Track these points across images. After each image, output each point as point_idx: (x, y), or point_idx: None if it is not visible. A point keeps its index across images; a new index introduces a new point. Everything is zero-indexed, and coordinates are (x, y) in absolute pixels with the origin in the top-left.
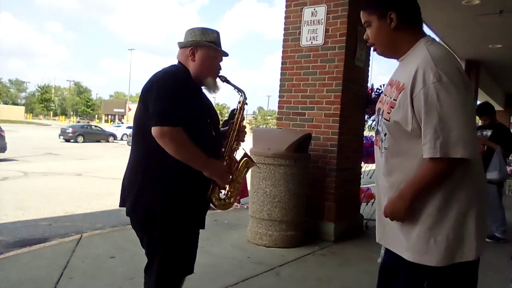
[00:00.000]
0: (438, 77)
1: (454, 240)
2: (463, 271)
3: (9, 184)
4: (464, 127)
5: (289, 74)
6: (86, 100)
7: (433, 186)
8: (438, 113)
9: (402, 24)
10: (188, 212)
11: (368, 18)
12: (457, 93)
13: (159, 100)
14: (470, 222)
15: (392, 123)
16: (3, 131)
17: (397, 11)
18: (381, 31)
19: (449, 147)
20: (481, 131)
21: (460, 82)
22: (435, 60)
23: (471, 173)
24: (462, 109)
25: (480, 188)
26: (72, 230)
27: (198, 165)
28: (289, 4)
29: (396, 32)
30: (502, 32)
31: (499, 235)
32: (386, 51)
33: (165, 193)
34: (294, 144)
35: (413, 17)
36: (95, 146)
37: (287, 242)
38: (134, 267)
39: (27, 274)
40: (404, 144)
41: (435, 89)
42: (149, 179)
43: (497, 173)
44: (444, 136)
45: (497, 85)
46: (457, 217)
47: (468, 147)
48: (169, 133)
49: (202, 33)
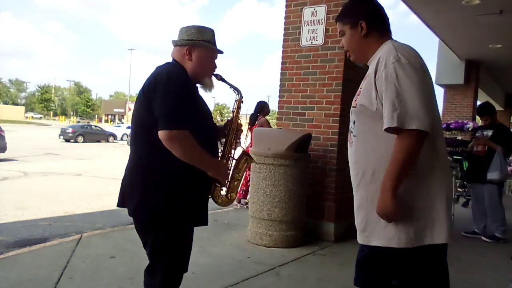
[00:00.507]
0: (397, 58)
1: (424, 223)
2: (432, 254)
3: (9, 184)
4: (420, 103)
5: (289, 74)
6: (86, 100)
7: (405, 166)
8: (396, 89)
9: (371, 31)
10: (192, 211)
11: (342, 28)
12: (415, 73)
13: (166, 102)
14: (439, 207)
15: (359, 108)
16: (3, 131)
17: (366, 20)
18: (353, 38)
19: (405, 118)
20: (482, 131)
21: (418, 66)
22: (397, 47)
23: (438, 162)
24: (419, 87)
25: (446, 177)
26: (72, 230)
27: (205, 166)
28: (289, 4)
29: (366, 39)
30: (502, 32)
31: (499, 235)
32: (358, 57)
33: (169, 193)
34: (294, 144)
35: (381, 24)
36: (95, 146)
37: (287, 242)
38: (134, 267)
39: (27, 274)
40: (372, 126)
41: (394, 68)
42: (152, 179)
43: (498, 173)
44: (401, 109)
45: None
46: (427, 201)
47: (423, 120)
48: (178, 137)
49: (198, 32)
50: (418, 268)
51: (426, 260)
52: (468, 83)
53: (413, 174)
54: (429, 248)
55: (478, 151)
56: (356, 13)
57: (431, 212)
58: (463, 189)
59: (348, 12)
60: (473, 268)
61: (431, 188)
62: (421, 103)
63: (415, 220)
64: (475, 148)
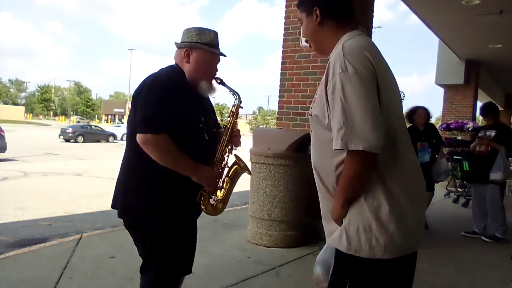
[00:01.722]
0: (344, 68)
1: (366, 233)
2: (374, 268)
3: (9, 184)
4: (367, 119)
5: (289, 74)
6: (86, 100)
7: (354, 183)
8: (342, 105)
9: (326, 20)
10: (180, 213)
11: (300, 16)
12: (361, 83)
13: (144, 106)
14: (383, 217)
15: (314, 118)
16: (3, 131)
17: (320, 7)
18: (308, 27)
19: (350, 138)
20: (485, 132)
21: (366, 73)
22: (345, 51)
23: (385, 168)
24: (365, 99)
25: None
26: (72, 230)
27: (185, 171)
28: (289, 4)
29: (321, 28)
30: (502, 32)
31: (499, 235)
32: (318, 48)
33: (156, 195)
34: (294, 144)
35: (339, 12)
36: (95, 146)
37: (287, 242)
38: (134, 267)
39: (27, 274)
40: (324, 138)
41: (340, 80)
42: (140, 181)
43: (501, 173)
44: (346, 127)
45: (497, 85)
46: (368, 212)
47: (370, 140)
48: (152, 141)
49: (198, 34)
50: (372, 277)
51: (379, 271)
52: (468, 83)
53: (372, 189)
54: (379, 261)
55: (481, 151)
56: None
57: (374, 222)
58: (463, 189)
59: None
60: (473, 268)
61: (376, 198)
62: (367, 119)
63: (362, 229)
64: (477, 148)
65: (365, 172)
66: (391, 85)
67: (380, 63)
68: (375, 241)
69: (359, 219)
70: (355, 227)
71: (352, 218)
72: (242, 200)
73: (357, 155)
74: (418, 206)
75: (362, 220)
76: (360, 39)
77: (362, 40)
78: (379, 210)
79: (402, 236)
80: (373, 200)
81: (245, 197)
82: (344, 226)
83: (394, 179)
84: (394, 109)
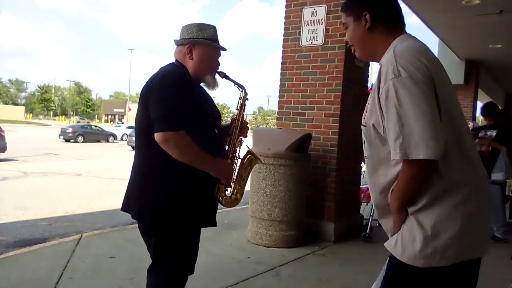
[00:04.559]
0: (397, 73)
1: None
2: (437, 276)
3: (9, 184)
4: (425, 124)
5: (289, 74)
6: (86, 100)
7: (411, 192)
8: (397, 111)
9: (376, 25)
10: (196, 213)
11: (346, 20)
12: (417, 87)
13: (160, 104)
14: (451, 228)
15: (369, 128)
16: (3, 131)
17: (371, 12)
18: (356, 33)
19: (410, 147)
20: (486, 132)
21: (421, 76)
22: (397, 55)
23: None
24: (422, 104)
25: (465, 194)
26: (72, 230)
27: (205, 166)
28: (289, 4)
29: (371, 33)
30: (502, 32)
31: (499, 236)
32: (364, 54)
33: (172, 196)
34: (294, 144)
35: (390, 17)
36: (95, 146)
37: (287, 242)
38: (134, 267)
39: (27, 274)
40: (381, 151)
41: (394, 85)
42: (154, 183)
43: (502, 174)
44: (404, 136)
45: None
46: (439, 221)
47: (431, 147)
48: (173, 138)
49: (199, 30)
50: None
51: (436, 280)
52: (468, 83)
53: (425, 192)
54: (442, 269)
55: (482, 151)
56: (360, 2)
57: (446, 231)
58: None
59: (352, 1)
60: None
61: (445, 205)
62: (426, 125)
63: (431, 239)
64: (478, 148)
65: (424, 180)
66: (449, 87)
67: (436, 66)
68: (432, 249)
69: (417, 224)
70: (409, 233)
71: (407, 225)
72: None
73: (418, 164)
74: (483, 207)
75: (421, 226)
76: (412, 42)
77: (414, 43)
78: (440, 214)
79: (459, 242)
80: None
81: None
82: (401, 232)
83: (450, 195)
84: (453, 110)
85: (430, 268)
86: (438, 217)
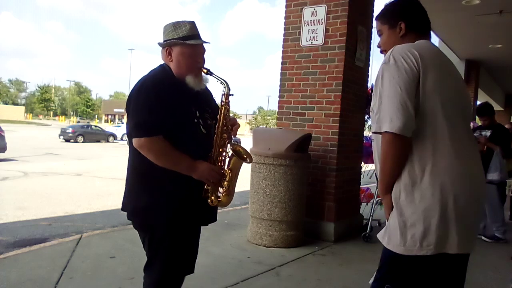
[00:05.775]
0: (387, 60)
1: (416, 230)
2: (430, 264)
3: (9, 184)
4: (393, 104)
5: (289, 74)
6: (86, 100)
7: (389, 171)
8: (380, 91)
9: (409, 33)
10: (187, 212)
11: (381, 27)
12: (398, 72)
13: (135, 112)
14: (432, 214)
15: (372, 112)
16: (3, 131)
17: (406, 21)
18: (390, 39)
19: (381, 122)
20: (480, 132)
21: (406, 65)
22: (396, 47)
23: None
24: (395, 88)
25: (444, 181)
26: (72, 230)
27: (184, 169)
28: (289, 4)
29: (402, 40)
30: (502, 32)
31: (499, 235)
32: None
33: (161, 194)
34: (294, 144)
35: (420, 27)
36: (95, 146)
37: (287, 242)
38: (134, 267)
39: (27, 274)
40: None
41: (382, 69)
42: (145, 182)
43: (498, 173)
44: (380, 112)
45: (497, 85)
46: (419, 208)
47: (394, 121)
48: (147, 144)
49: (173, 30)
50: (412, 277)
51: (421, 270)
52: (468, 83)
53: (403, 177)
54: (424, 259)
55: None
56: (397, 13)
57: (424, 219)
58: None
59: (389, 12)
60: (473, 268)
61: (423, 193)
62: (394, 103)
63: (410, 227)
64: None
65: (395, 155)
66: (447, 87)
67: (434, 65)
68: (411, 236)
69: (398, 212)
70: (393, 222)
71: (392, 214)
72: (242, 200)
73: (385, 137)
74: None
75: (401, 214)
76: (419, 42)
77: (420, 43)
78: (418, 203)
79: (438, 232)
80: (412, 191)
81: (245, 197)
82: (388, 221)
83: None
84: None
85: (413, 257)
86: (417, 207)
